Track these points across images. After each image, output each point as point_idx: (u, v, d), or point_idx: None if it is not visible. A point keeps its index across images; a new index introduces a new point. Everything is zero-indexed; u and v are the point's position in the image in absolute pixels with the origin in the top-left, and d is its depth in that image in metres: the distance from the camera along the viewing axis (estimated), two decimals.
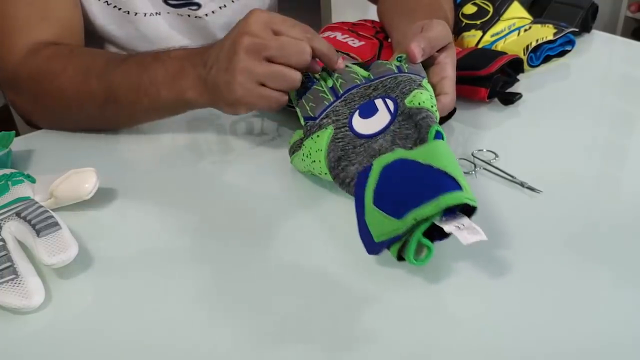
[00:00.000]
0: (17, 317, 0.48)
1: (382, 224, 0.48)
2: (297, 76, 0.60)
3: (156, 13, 0.86)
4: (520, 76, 0.81)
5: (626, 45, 1.01)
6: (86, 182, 0.58)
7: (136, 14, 0.84)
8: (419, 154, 0.51)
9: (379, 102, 0.59)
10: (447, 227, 0.46)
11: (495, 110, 0.76)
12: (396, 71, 0.62)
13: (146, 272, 0.52)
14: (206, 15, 0.89)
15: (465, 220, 0.47)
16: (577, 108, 0.77)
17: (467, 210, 0.48)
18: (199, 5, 0.87)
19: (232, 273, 0.51)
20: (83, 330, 0.47)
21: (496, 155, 0.65)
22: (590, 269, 0.50)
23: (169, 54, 0.66)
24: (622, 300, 0.47)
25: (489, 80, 0.76)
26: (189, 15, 0.88)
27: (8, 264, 0.49)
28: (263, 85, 0.60)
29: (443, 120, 0.71)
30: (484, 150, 0.66)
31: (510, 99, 0.77)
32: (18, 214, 0.53)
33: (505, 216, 0.56)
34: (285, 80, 0.60)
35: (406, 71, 0.62)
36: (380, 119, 0.58)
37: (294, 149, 0.62)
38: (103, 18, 0.84)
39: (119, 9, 0.84)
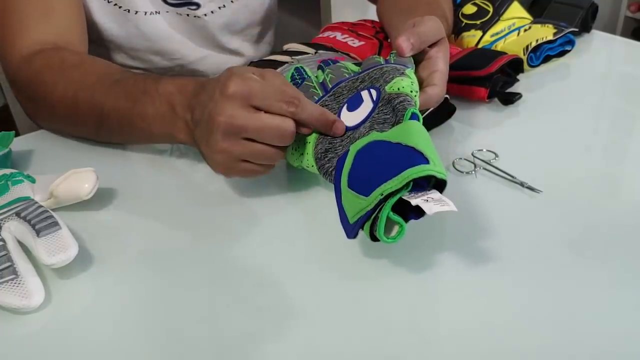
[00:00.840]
0: (17, 317, 0.48)
1: (354, 204, 0.48)
2: (279, 154, 0.56)
3: (156, 12, 0.86)
4: (520, 76, 0.81)
5: (626, 45, 1.01)
6: (86, 182, 0.58)
7: (136, 12, 0.84)
8: (390, 135, 0.51)
9: (364, 94, 0.59)
10: (414, 201, 0.46)
11: (495, 110, 0.76)
12: (383, 63, 0.62)
13: (146, 271, 0.52)
14: (205, 15, 0.89)
15: (434, 194, 0.47)
16: (577, 108, 0.77)
17: (441, 186, 0.48)
18: (198, 5, 0.87)
19: (232, 272, 0.51)
20: (83, 330, 0.47)
21: (496, 155, 0.65)
22: (590, 269, 0.50)
23: (157, 88, 0.62)
24: (622, 300, 0.47)
25: (489, 80, 0.76)
26: (187, 15, 0.88)
27: (8, 264, 0.49)
28: (245, 160, 0.56)
29: (443, 120, 0.71)
30: (484, 150, 0.66)
31: (510, 99, 0.77)
32: (18, 214, 0.53)
33: (505, 216, 0.56)
34: (266, 158, 0.56)
35: (392, 62, 0.62)
36: (364, 109, 0.58)
37: None
38: (103, 16, 0.84)
39: (119, 7, 0.84)
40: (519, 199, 0.59)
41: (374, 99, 0.58)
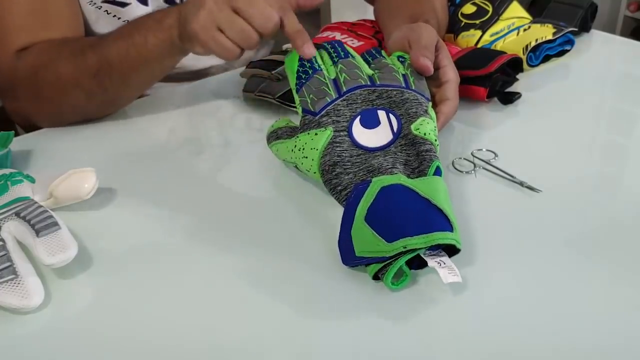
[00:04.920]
0: (16, 317, 0.48)
1: (369, 242, 0.48)
2: (253, 37, 0.61)
3: None
4: (519, 76, 0.81)
5: (625, 44, 1.01)
6: (85, 182, 0.58)
7: None
8: (419, 185, 0.51)
9: (382, 115, 0.59)
10: (430, 262, 0.47)
11: (495, 110, 0.76)
12: (403, 84, 0.62)
13: (145, 271, 0.52)
14: None
15: (446, 258, 0.48)
16: (576, 108, 0.77)
17: (452, 249, 0.49)
18: None
19: (232, 272, 0.51)
20: (83, 330, 0.47)
21: (495, 155, 0.65)
22: (590, 269, 0.50)
23: (159, 11, 0.70)
24: (622, 299, 0.47)
25: (489, 79, 0.76)
26: None
27: (7, 264, 0.49)
28: (221, 31, 0.61)
29: None
30: (484, 149, 0.66)
31: (509, 99, 0.77)
32: (17, 214, 0.53)
33: (505, 215, 0.56)
34: (241, 34, 0.61)
35: (413, 87, 0.62)
36: (382, 134, 0.58)
37: (278, 136, 0.62)
38: (102, 27, 0.84)
39: (118, 18, 0.84)
40: (518, 198, 0.59)
41: (394, 128, 0.58)
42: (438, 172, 0.54)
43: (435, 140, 0.58)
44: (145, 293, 0.50)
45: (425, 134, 0.57)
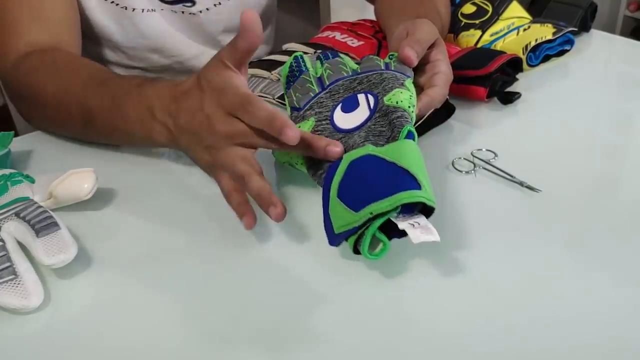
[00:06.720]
0: (16, 318, 0.48)
1: (342, 216, 0.48)
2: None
3: (151, 9, 0.86)
4: (519, 75, 0.81)
5: (625, 44, 1.01)
6: (85, 182, 0.57)
7: (133, 9, 0.84)
8: (386, 151, 0.51)
9: (361, 97, 0.60)
10: (401, 224, 0.46)
11: (495, 110, 0.76)
12: (383, 67, 0.62)
13: (145, 272, 0.52)
14: (200, 12, 0.89)
15: (421, 219, 0.47)
16: (576, 107, 0.77)
17: (429, 211, 0.48)
18: (193, 2, 0.87)
19: (232, 273, 0.51)
20: (82, 330, 0.47)
21: (495, 155, 0.65)
22: (590, 269, 0.50)
23: (139, 91, 0.62)
24: (622, 299, 0.47)
25: (488, 79, 0.76)
26: (183, 12, 0.88)
27: (7, 264, 0.49)
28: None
29: (443, 120, 0.72)
30: (483, 149, 0.66)
31: (509, 98, 0.77)
32: (17, 214, 0.53)
33: (504, 215, 0.56)
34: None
35: (393, 69, 0.62)
36: (360, 114, 0.58)
37: None
38: (101, 14, 0.84)
39: (117, 4, 0.84)
40: (518, 198, 0.59)
41: (371, 106, 0.58)
42: (410, 136, 0.53)
43: (409, 107, 0.57)
44: (145, 293, 0.50)
45: (397, 102, 0.57)
